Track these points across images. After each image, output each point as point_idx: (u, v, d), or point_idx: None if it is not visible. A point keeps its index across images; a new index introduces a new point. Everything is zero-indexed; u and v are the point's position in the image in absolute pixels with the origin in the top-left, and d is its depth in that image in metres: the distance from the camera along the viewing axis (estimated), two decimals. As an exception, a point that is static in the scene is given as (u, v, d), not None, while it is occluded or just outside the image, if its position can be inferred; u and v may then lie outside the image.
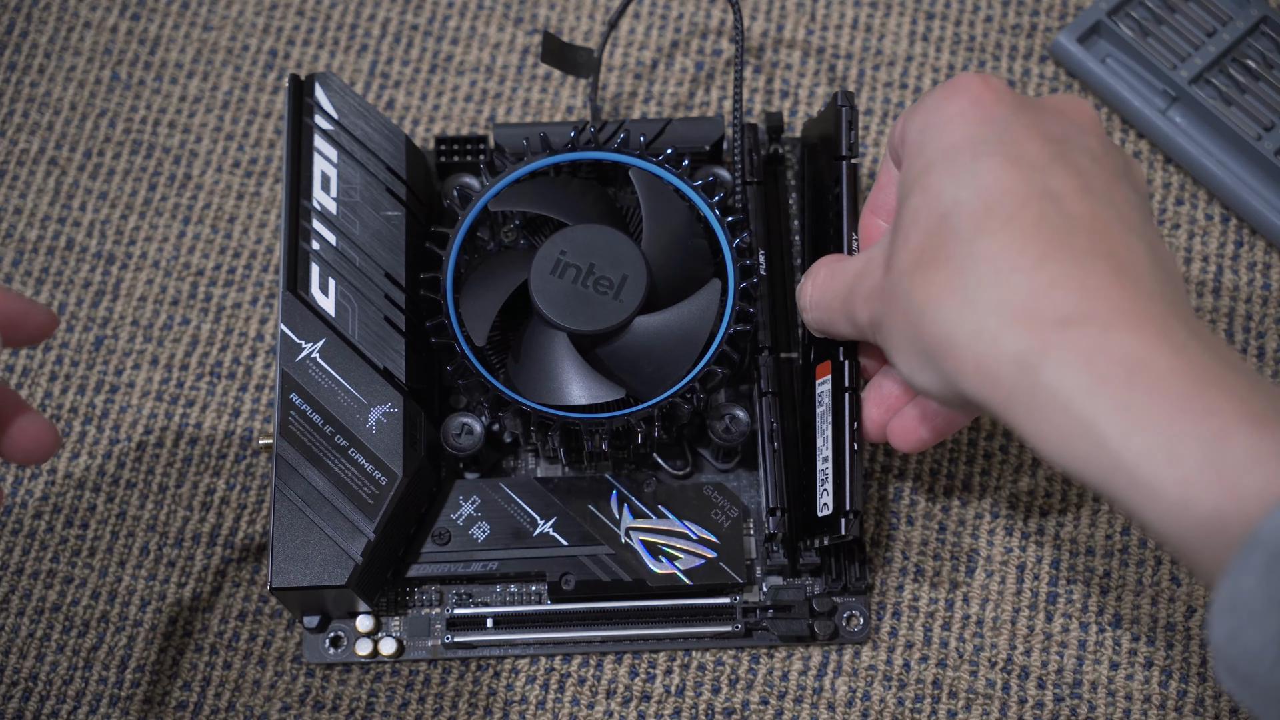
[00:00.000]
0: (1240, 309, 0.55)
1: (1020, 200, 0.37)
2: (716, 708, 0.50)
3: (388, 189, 0.51)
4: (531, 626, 0.50)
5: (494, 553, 0.50)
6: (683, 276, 0.49)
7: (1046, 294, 0.35)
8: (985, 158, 0.38)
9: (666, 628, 0.50)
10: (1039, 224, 0.36)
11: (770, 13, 0.60)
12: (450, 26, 0.61)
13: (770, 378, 0.50)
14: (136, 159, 0.59)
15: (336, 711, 0.51)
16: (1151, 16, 0.57)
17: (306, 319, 0.49)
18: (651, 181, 0.50)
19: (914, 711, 0.50)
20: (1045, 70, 0.59)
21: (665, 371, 0.48)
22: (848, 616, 0.50)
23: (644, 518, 0.50)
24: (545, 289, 0.48)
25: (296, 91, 0.52)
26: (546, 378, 0.48)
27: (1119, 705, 0.50)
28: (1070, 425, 0.34)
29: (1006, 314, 0.36)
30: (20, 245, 0.58)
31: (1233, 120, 0.55)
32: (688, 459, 0.52)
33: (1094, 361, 0.34)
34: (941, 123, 0.40)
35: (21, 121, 0.60)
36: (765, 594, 0.50)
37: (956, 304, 0.37)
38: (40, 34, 0.61)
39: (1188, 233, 0.56)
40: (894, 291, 0.39)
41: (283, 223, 0.50)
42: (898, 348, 0.40)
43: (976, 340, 0.36)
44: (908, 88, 0.59)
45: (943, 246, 0.38)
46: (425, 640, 0.51)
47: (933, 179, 0.39)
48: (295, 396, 0.48)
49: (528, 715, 0.50)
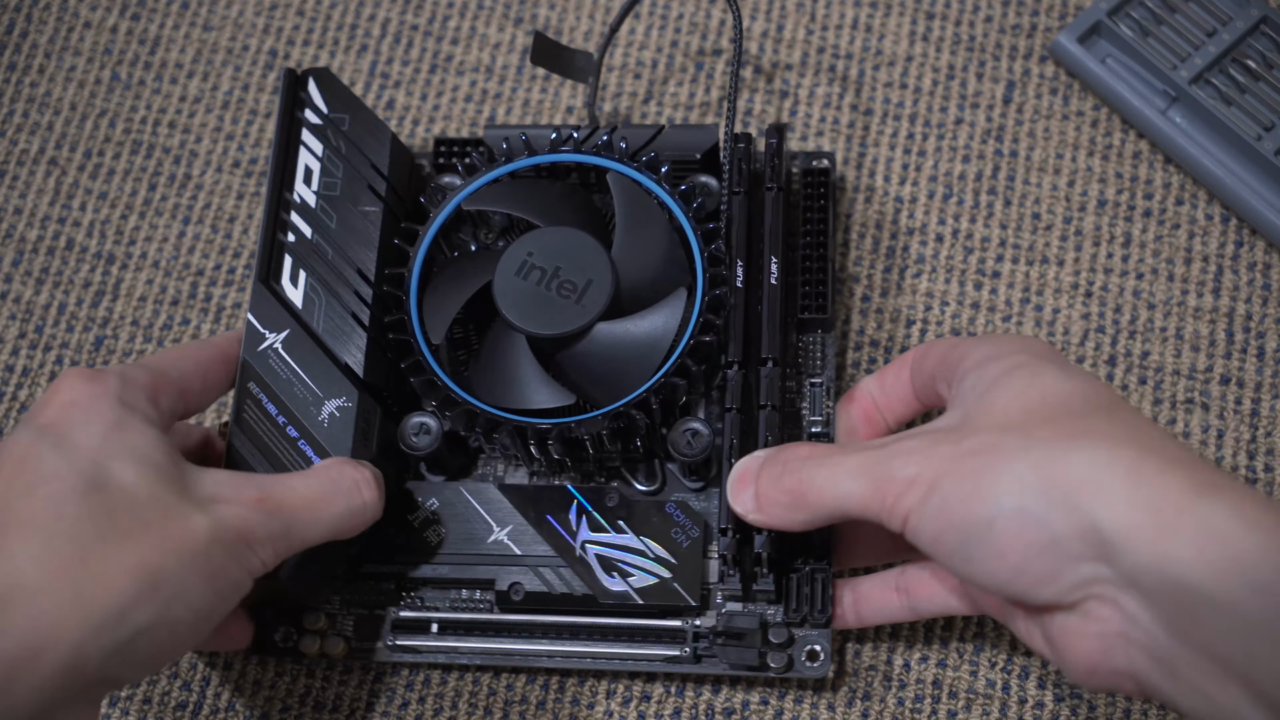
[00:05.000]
0: (1240, 309, 0.55)
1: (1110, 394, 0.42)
2: (716, 708, 0.50)
3: (368, 185, 0.51)
4: (477, 635, 0.49)
5: (445, 556, 0.49)
6: (654, 285, 0.48)
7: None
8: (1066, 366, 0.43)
9: (615, 646, 0.49)
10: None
11: (770, 13, 0.60)
12: (450, 26, 0.61)
13: (735, 393, 0.48)
14: (136, 159, 0.59)
15: (337, 711, 0.51)
16: (1151, 16, 0.57)
17: (274, 310, 0.49)
18: (629, 187, 0.50)
19: (914, 711, 0.50)
20: (1045, 70, 0.59)
21: (625, 380, 0.47)
22: (807, 651, 0.48)
23: (601, 531, 0.48)
24: (508, 290, 0.47)
25: (290, 86, 0.52)
26: (501, 380, 0.48)
27: (1119, 705, 0.50)
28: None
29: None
30: (20, 245, 0.58)
31: (1233, 120, 0.55)
32: (658, 475, 0.50)
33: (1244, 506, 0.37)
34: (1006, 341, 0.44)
35: (21, 121, 0.60)
36: (719, 619, 0.48)
37: (1110, 459, 0.38)
38: (40, 34, 0.61)
39: (1188, 233, 0.56)
40: (999, 446, 0.40)
41: (263, 214, 0.50)
42: (992, 499, 0.39)
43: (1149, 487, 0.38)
44: (908, 88, 0.59)
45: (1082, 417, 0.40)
46: (375, 641, 0.50)
47: (1040, 371, 0.42)
48: (253, 385, 0.48)
49: (528, 715, 0.50)
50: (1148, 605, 0.37)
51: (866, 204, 0.57)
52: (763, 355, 0.48)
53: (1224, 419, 0.54)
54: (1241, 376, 0.54)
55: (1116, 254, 0.56)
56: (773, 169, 0.51)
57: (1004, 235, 0.57)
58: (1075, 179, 0.57)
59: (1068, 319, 0.55)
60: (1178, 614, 0.36)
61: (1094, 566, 0.37)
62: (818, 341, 0.52)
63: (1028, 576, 0.38)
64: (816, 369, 0.51)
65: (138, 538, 0.38)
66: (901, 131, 0.58)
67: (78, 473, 0.39)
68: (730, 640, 0.47)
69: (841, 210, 0.57)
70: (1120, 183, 0.57)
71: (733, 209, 0.51)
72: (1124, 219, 0.57)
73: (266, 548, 0.41)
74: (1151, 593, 0.36)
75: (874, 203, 0.57)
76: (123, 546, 0.38)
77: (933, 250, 0.56)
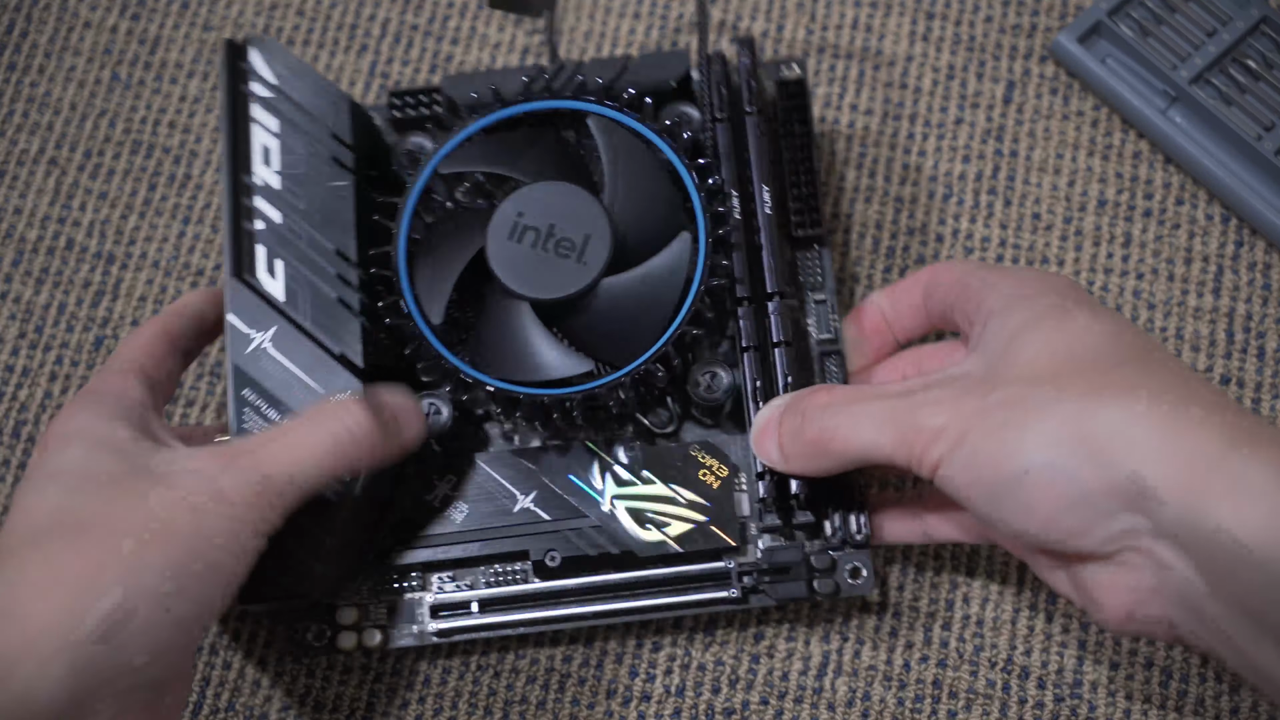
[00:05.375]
0: (1240, 309, 0.55)
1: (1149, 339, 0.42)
2: (716, 708, 0.50)
3: (333, 157, 0.48)
4: (519, 607, 0.48)
5: (473, 534, 0.47)
6: (652, 229, 0.46)
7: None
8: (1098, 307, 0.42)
9: (660, 598, 0.48)
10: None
11: (770, 13, 0.60)
12: (450, 26, 0.61)
13: (751, 332, 0.47)
14: (136, 159, 0.59)
15: (337, 711, 0.51)
16: (1151, 16, 0.57)
17: (255, 306, 0.46)
18: (612, 129, 0.47)
19: (914, 711, 0.50)
20: (1045, 70, 0.59)
21: (638, 334, 0.46)
22: (850, 569, 0.48)
23: (628, 485, 0.47)
24: (503, 255, 0.45)
25: (231, 57, 0.48)
26: (511, 351, 0.46)
27: (1119, 705, 0.50)
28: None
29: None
30: (20, 245, 0.58)
31: (1233, 120, 0.55)
32: (671, 412, 0.48)
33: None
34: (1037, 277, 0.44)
35: (21, 121, 0.60)
36: (761, 555, 0.48)
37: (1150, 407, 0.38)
38: (40, 34, 0.61)
39: (1188, 233, 0.56)
40: (1028, 400, 0.39)
41: (224, 202, 0.47)
42: (1026, 447, 0.39)
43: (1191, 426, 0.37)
44: (907, 88, 0.59)
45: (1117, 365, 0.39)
46: (411, 626, 0.48)
47: (1067, 315, 0.41)
48: (249, 393, 0.45)
49: (528, 715, 0.50)
50: (1184, 556, 0.37)
51: (866, 204, 0.57)
52: (769, 290, 0.47)
53: (1224, 419, 0.54)
54: (1241, 376, 0.54)
55: (1116, 254, 0.56)
56: (750, 89, 0.49)
57: (1004, 235, 0.57)
58: (1075, 179, 0.57)
59: (1068, 319, 0.55)
60: (1213, 568, 0.36)
61: (1130, 518, 0.37)
62: (815, 257, 0.51)
63: (1059, 529, 0.38)
64: (818, 284, 0.51)
65: (93, 526, 0.38)
66: (901, 131, 0.58)
67: (41, 490, 0.40)
68: (777, 576, 0.47)
69: (842, 209, 0.57)
70: (1120, 183, 0.57)
71: (718, 140, 0.48)
72: (1124, 219, 0.57)
73: (251, 503, 0.40)
74: (1188, 545, 0.36)
75: (874, 203, 0.57)
76: (76, 540, 0.38)
77: (933, 250, 0.56)
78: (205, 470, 0.40)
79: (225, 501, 0.39)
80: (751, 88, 0.49)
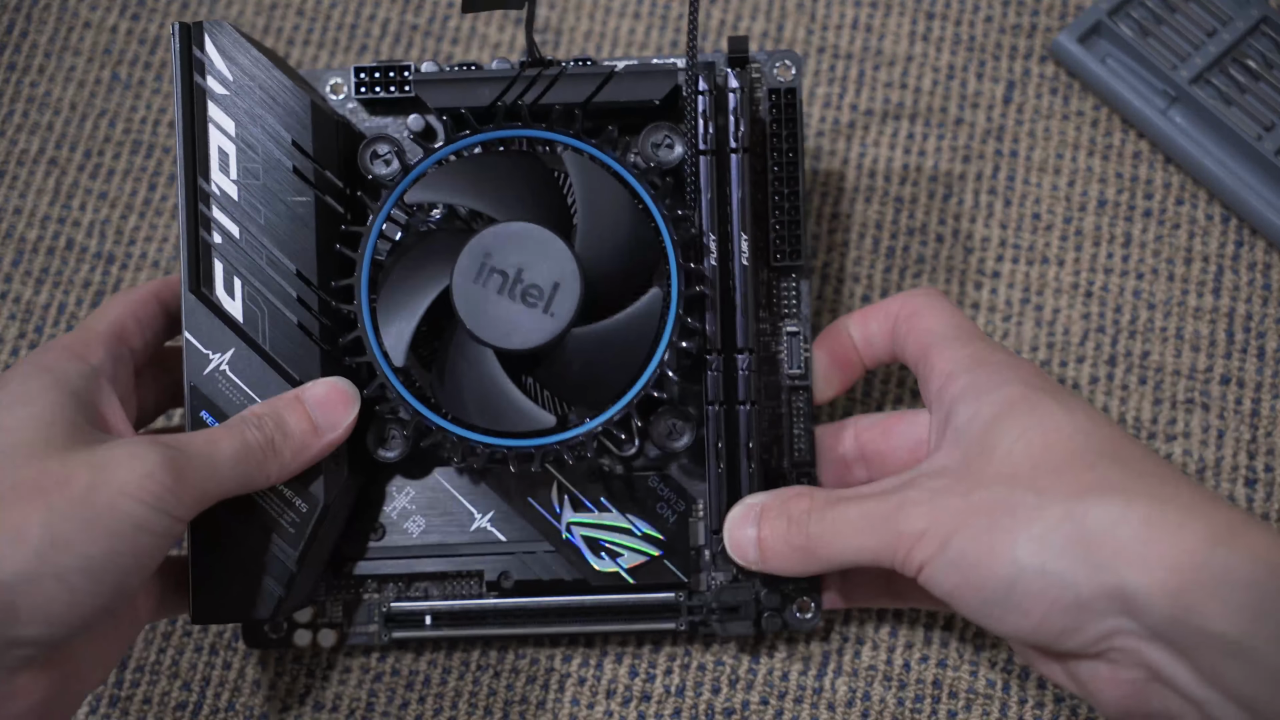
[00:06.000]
0: (1240, 309, 0.55)
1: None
2: (716, 708, 0.50)
3: (293, 168, 0.45)
4: (472, 623, 0.48)
5: (430, 549, 0.48)
6: (623, 278, 0.45)
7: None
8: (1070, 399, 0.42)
9: (609, 624, 0.48)
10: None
11: (770, 13, 0.60)
12: (450, 26, 0.61)
13: (718, 385, 0.46)
14: (136, 159, 0.59)
15: (336, 711, 0.51)
16: (1151, 16, 0.57)
17: (213, 325, 0.44)
18: (588, 166, 0.45)
19: (914, 711, 0.50)
20: (1045, 70, 0.59)
21: (603, 386, 0.45)
22: (798, 604, 0.48)
23: (585, 510, 0.48)
24: (469, 298, 0.44)
25: (185, 43, 0.45)
26: (475, 397, 0.45)
27: (1119, 705, 0.50)
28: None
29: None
30: (20, 245, 0.58)
31: (1233, 120, 0.55)
32: (633, 436, 0.46)
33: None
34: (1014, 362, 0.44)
35: (21, 121, 0.60)
36: (713, 589, 0.48)
37: (1124, 506, 0.39)
38: (40, 34, 0.61)
39: (1188, 233, 0.56)
40: (1011, 503, 0.40)
41: (179, 209, 0.45)
42: (1018, 545, 0.39)
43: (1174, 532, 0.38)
44: (907, 88, 0.59)
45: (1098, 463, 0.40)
46: (367, 626, 0.49)
47: (1038, 407, 0.42)
48: (206, 414, 0.44)
49: (528, 715, 0.50)
50: (1175, 655, 0.37)
51: (866, 204, 0.57)
52: (739, 345, 0.47)
53: (1224, 419, 0.54)
54: (1241, 376, 0.54)
55: (1116, 254, 0.56)
56: (738, 123, 0.46)
57: (1004, 235, 0.57)
58: (1075, 179, 0.57)
59: (1068, 319, 0.55)
60: (1203, 664, 0.37)
61: (1116, 620, 0.38)
62: (793, 285, 0.49)
63: (1051, 630, 0.39)
64: (792, 311, 0.49)
65: (3, 501, 0.38)
66: (901, 131, 0.58)
67: None
68: (726, 614, 0.48)
69: (842, 209, 0.57)
70: (1120, 183, 0.57)
71: (700, 173, 0.47)
72: (1124, 219, 0.57)
73: (169, 494, 0.39)
74: (1177, 644, 0.37)
75: (874, 203, 0.57)
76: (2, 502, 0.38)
77: (933, 250, 0.56)
78: (130, 454, 0.40)
79: (153, 492, 0.39)
80: (740, 123, 0.47)
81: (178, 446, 0.41)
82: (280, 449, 0.43)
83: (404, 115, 0.49)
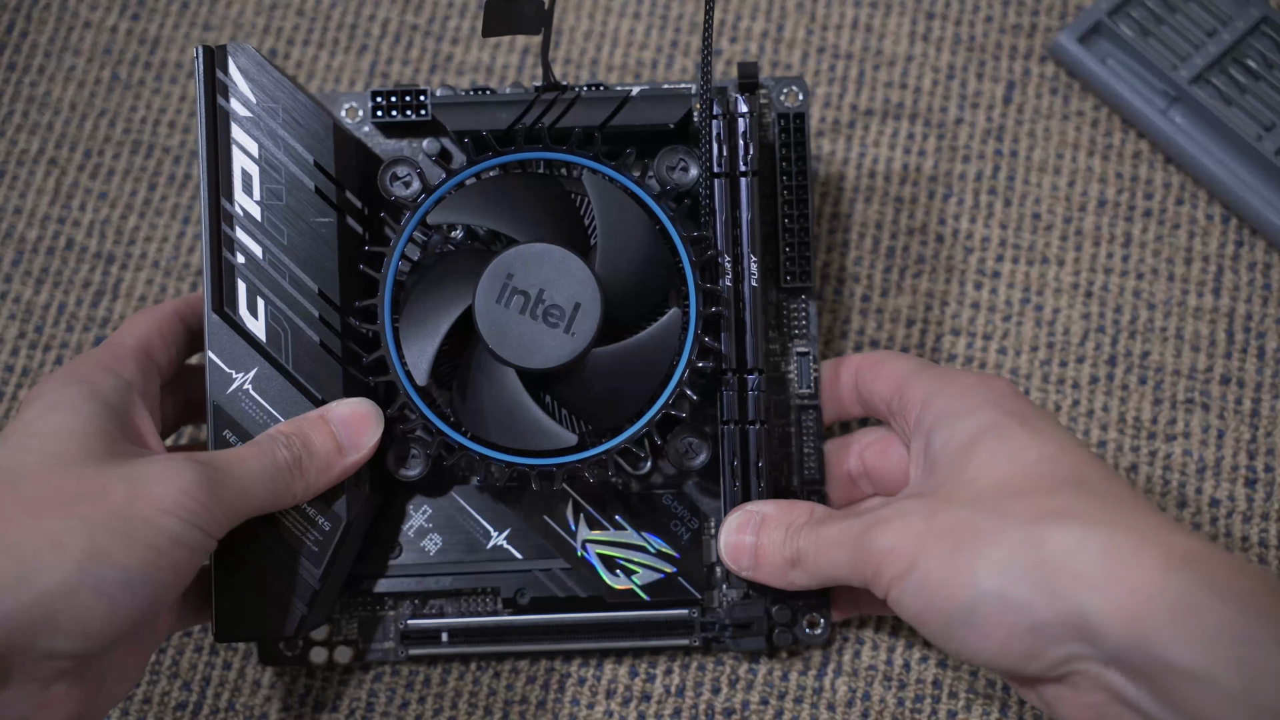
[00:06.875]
0: (1240, 309, 0.55)
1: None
2: (716, 708, 0.50)
3: (316, 190, 0.46)
4: (488, 640, 0.49)
5: (446, 567, 0.48)
6: (642, 298, 0.46)
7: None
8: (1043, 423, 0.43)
9: (623, 640, 0.49)
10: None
11: (770, 13, 0.60)
12: (450, 26, 0.61)
13: (733, 404, 0.47)
14: (136, 159, 0.59)
15: (336, 711, 0.51)
16: (1151, 16, 0.57)
17: (236, 345, 0.45)
18: (606, 188, 0.46)
19: (914, 711, 0.50)
20: (1045, 70, 0.59)
21: (623, 405, 0.46)
22: (807, 620, 0.49)
23: (600, 529, 0.49)
24: (491, 318, 0.44)
25: (209, 66, 0.45)
26: (496, 416, 0.45)
27: (1119, 705, 0.50)
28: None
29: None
30: (20, 245, 0.58)
31: (1233, 120, 0.55)
32: (646, 453, 0.48)
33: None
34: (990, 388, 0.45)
35: (21, 121, 0.60)
36: (725, 604, 0.49)
37: (1085, 532, 0.39)
38: (40, 34, 0.61)
39: (1188, 233, 0.56)
40: (974, 526, 0.40)
41: (203, 229, 0.45)
42: (981, 570, 0.40)
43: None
44: (907, 88, 0.59)
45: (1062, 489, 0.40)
46: (383, 643, 0.50)
47: (1005, 433, 0.42)
48: (230, 434, 0.44)
49: (528, 715, 0.50)
50: (1132, 680, 0.38)
51: (866, 204, 0.57)
52: (749, 365, 0.47)
53: (1224, 419, 0.54)
54: (1241, 376, 0.54)
55: (1116, 254, 0.56)
56: (748, 147, 0.48)
57: (1004, 235, 0.57)
58: (1075, 179, 0.57)
59: (1068, 319, 0.55)
60: (1165, 688, 0.37)
61: (1075, 645, 0.38)
62: (803, 306, 0.50)
63: (1011, 655, 0.40)
64: (802, 331, 0.50)
65: (44, 509, 0.38)
66: (901, 131, 0.58)
67: (16, 452, 0.40)
68: (738, 630, 0.48)
69: (842, 209, 0.57)
70: (1120, 183, 0.57)
71: (714, 194, 0.48)
72: (1124, 219, 0.57)
73: (204, 511, 0.40)
74: (1136, 670, 0.37)
75: (874, 203, 0.57)
76: (22, 519, 0.38)
77: (933, 250, 0.56)
78: (168, 470, 0.40)
79: (184, 502, 0.39)
80: (749, 147, 0.48)
81: (211, 464, 0.41)
82: (306, 468, 0.43)
83: (418, 138, 0.50)
